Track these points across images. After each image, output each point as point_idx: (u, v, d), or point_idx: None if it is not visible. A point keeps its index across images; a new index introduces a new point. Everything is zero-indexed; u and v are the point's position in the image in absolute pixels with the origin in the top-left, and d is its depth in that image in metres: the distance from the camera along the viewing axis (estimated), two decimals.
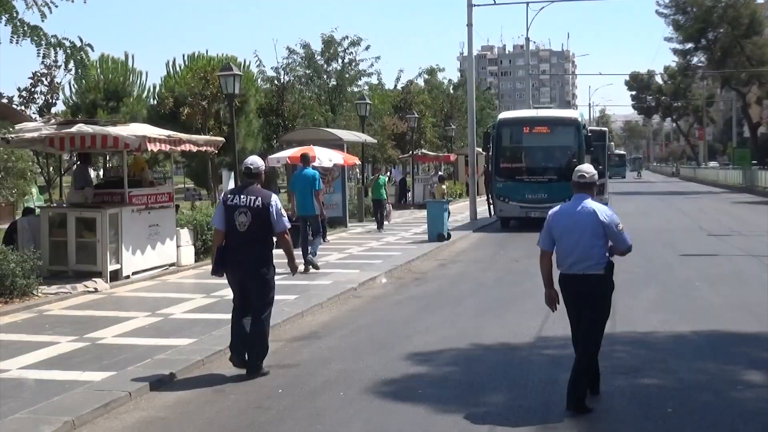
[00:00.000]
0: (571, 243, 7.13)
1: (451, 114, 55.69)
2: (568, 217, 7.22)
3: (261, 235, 8.42)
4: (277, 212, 8.45)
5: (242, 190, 8.56)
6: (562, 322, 10.87)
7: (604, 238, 7.11)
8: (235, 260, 8.45)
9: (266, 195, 8.49)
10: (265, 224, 8.41)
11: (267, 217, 8.40)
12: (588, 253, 7.06)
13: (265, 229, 8.45)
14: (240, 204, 8.40)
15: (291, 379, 8.40)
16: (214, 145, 17.18)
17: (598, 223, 7.07)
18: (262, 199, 8.41)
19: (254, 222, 8.35)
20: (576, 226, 7.12)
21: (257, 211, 8.37)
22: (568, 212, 7.27)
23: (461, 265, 17.72)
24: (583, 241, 7.07)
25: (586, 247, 7.06)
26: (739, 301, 12.46)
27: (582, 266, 7.08)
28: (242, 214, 8.37)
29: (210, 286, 14.28)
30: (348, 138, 28.61)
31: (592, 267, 7.06)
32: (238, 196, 8.47)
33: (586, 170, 7.39)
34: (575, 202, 7.26)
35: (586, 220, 7.10)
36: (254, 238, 8.37)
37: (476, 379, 8.21)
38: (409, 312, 12.17)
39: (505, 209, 26.35)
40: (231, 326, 8.68)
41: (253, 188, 8.51)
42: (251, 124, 40.59)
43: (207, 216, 17.80)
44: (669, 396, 7.57)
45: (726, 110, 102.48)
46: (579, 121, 26.71)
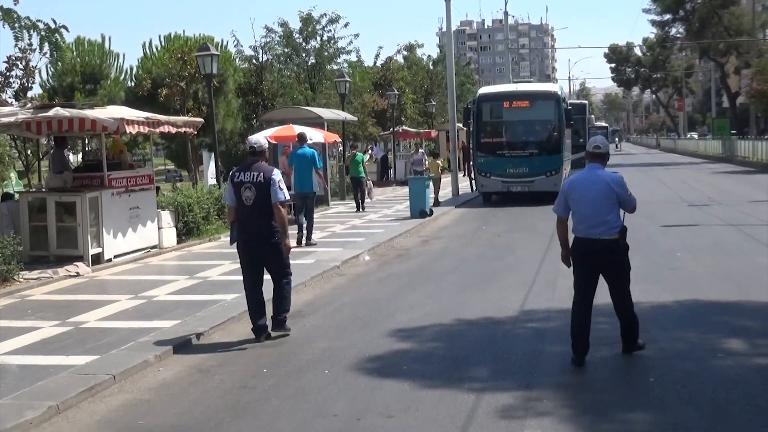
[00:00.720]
0: (586, 209, 7.70)
1: (431, 90, 55.60)
2: (584, 186, 7.78)
3: (267, 207, 8.99)
4: (276, 184, 8.97)
5: (248, 167, 9.13)
6: (545, 295, 10.99)
7: (617, 204, 7.70)
8: (246, 232, 9.09)
9: (268, 170, 9.11)
10: (268, 197, 8.97)
11: (269, 190, 8.96)
12: (603, 218, 7.64)
13: (269, 202, 8.99)
14: (245, 180, 9.04)
15: (276, 358, 8.41)
16: (194, 126, 17.10)
17: (611, 190, 7.66)
18: (264, 174, 9.01)
19: (258, 196, 8.97)
20: (591, 194, 7.69)
21: (260, 185, 8.98)
22: (583, 181, 7.83)
23: (444, 241, 17.76)
24: (598, 208, 7.65)
25: (601, 213, 7.64)
26: (720, 270, 12.56)
27: (597, 231, 7.66)
28: (247, 189, 9.00)
29: (193, 267, 14.27)
30: (328, 116, 28.52)
31: (607, 232, 7.65)
32: (244, 173, 9.10)
33: (600, 142, 7.99)
34: (589, 172, 7.83)
35: (601, 188, 7.68)
36: (260, 210, 8.98)
37: (460, 353, 8.25)
38: (392, 289, 12.19)
39: (486, 184, 26.39)
40: (246, 301, 9.30)
41: (258, 165, 9.13)
42: (230, 104, 40.38)
43: (188, 197, 17.75)
44: (651, 365, 7.63)
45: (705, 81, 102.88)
46: (559, 95, 26.74)
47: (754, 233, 16.40)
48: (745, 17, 66.25)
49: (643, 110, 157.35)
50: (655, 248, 14.84)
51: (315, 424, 6.37)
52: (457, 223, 21.75)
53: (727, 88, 73.04)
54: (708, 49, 68.15)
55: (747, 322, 9.20)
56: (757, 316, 9.49)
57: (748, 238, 15.94)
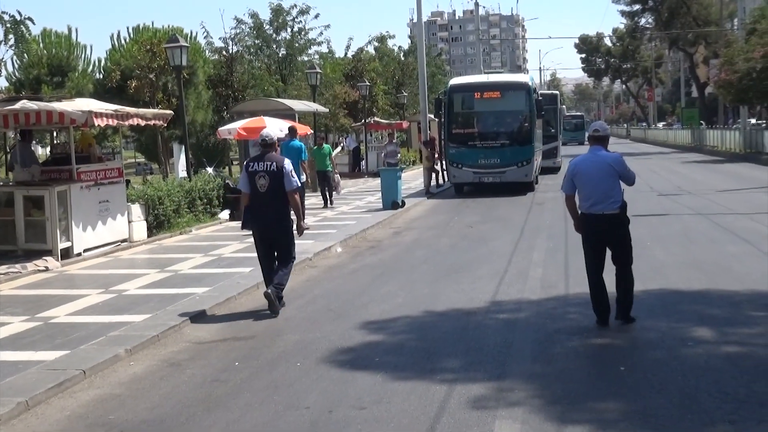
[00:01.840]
0: (591, 187, 8.62)
1: (402, 81, 55.60)
2: (588, 166, 8.68)
3: (278, 194, 10.01)
4: (288, 173, 9.99)
5: (262, 157, 10.15)
6: (516, 286, 11.05)
7: (618, 181, 8.60)
8: (259, 216, 10.10)
9: (280, 160, 10.12)
10: (281, 185, 9.99)
11: (281, 178, 9.96)
12: (607, 194, 8.56)
13: (282, 189, 10.01)
14: (259, 169, 10.06)
15: (247, 351, 8.39)
16: (163, 118, 16.98)
17: (613, 170, 8.59)
18: (277, 164, 10.02)
19: (271, 183, 9.98)
20: (595, 173, 8.59)
21: (273, 174, 9.99)
22: (587, 162, 8.73)
23: (416, 232, 17.79)
24: (603, 185, 8.56)
25: (605, 189, 8.56)
26: (688, 259, 12.69)
27: (601, 206, 8.59)
28: (261, 178, 10.03)
29: (164, 260, 14.19)
30: (299, 108, 28.43)
31: (609, 207, 8.57)
32: (258, 163, 10.12)
33: (599, 126, 8.91)
34: (592, 154, 8.73)
35: (603, 168, 8.59)
36: (273, 197, 10.01)
37: (432, 345, 8.27)
38: (364, 281, 12.20)
39: (458, 175, 26.44)
40: (261, 269, 10.42)
41: (270, 155, 10.13)
42: (200, 96, 40.14)
43: (158, 190, 17.64)
44: (622, 355, 7.70)
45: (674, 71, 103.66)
46: (530, 85, 26.83)
47: (723, 222, 16.59)
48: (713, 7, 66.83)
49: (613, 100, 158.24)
50: None
51: (287, 416, 6.37)
52: (429, 214, 21.79)
53: (696, 78, 73.69)
54: (677, 39, 68.72)
55: (715, 311, 9.30)
56: (725, 304, 9.59)
57: (717, 227, 16.11)
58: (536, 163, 27.53)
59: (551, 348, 7.99)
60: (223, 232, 18.10)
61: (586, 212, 8.73)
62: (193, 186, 19.38)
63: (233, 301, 10.84)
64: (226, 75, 36.67)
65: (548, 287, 10.94)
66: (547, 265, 12.65)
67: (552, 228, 17.18)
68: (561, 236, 15.67)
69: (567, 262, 12.77)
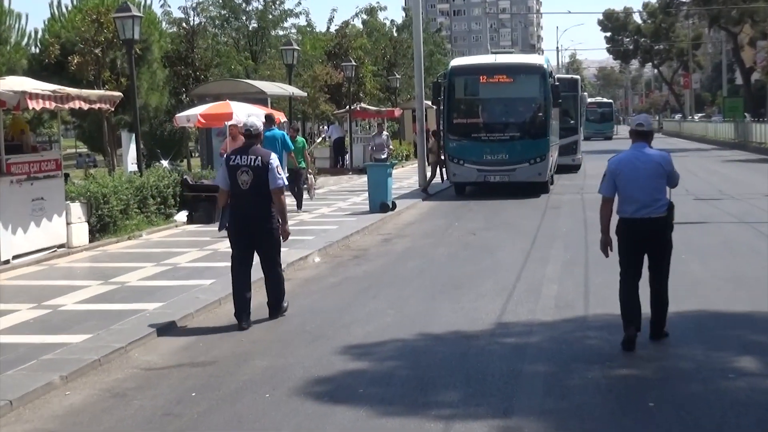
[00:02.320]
0: (636, 188, 8.84)
1: (394, 61, 55.62)
2: (632, 164, 8.91)
3: (262, 191, 10.33)
4: (274, 169, 10.33)
5: (245, 150, 10.47)
6: (527, 305, 11.05)
7: (665, 181, 8.92)
8: (240, 216, 10.45)
9: (266, 154, 10.47)
10: (265, 182, 10.31)
11: (266, 175, 10.28)
12: (654, 197, 8.84)
13: (266, 186, 10.33)
14: (242, 164, 10.33)
15: (206, 379, 8.35)
16: (110, 101, 16.92)
17: (662, 169, 8.89)
18: (262, 158, 10.34)
19: (255, 180, 10.29)
20: (641, 173, 8.83)
21: (258, 169, 10.28)
22: (631, 159, 8.96)
23: (408, 240, 17.78)
24: (649, 187, 8.82)
25: (652, 191, 8.84)
26: (730, 275, 12.71)
27: (647, 210, 8.83)
28: (244, 173, 10.30)
29: (108, 270, 14.14)
30: (272, 91, 28.41)
31: (656, 210, 8.85)
32: (240, 156, 10.41)
33: (643, 120, 9.26)
34: (636, 150, 8.97)
35: (652, 167, 8.86)
36: (256, 194, 10.32)
37: (426, 374, 8.25)
38: (347, 296, 12.18)
39: (459, 173, 26.45)
40: (232, 286, 10.64)
41: (255, 148, 10.46)
42: (155, 76, 39.93)
43: (103, 187, 17.58)
44: (650, 387, 7.69)
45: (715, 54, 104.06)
46: (545, 69, 26.87)
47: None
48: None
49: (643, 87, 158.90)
50: None
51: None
52: (424, 218, 21.79)
53: (741, 63, 74.00)
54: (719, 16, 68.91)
55: (761, 337, 9.32)
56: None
57: (763, 236, 16.16)
58: (552, 159, 27.57)
59: (567, 379, 7.98)
60: (180, 238, 18.05)
61: (629, 217, 8.94)
62: (144, 182, 19.32)
63: (190, 319, 10.79)
64: (185, 51, 36.56)
65: (564, 307, 10.94)
66: (563, 281, 12.65)
67: (569, 236, 17.19)
68: (580, 246, 15.67)
69: (587, 277, 12.77)
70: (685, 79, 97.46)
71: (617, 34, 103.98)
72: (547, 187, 26.72)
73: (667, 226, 8.99)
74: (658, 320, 9.12)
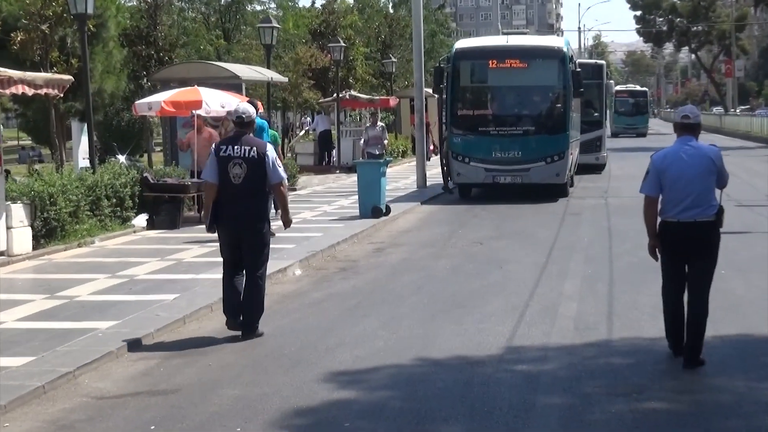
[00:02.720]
0: (684, 188, 9.09)
1: (390, 42, 55.69)
2: (682, 162, 9.15)
3: (257, 187, 10.66)
4: (273, 162, 10.65)
5: (236, 140, 10.73)
6: (541, 326, 11.07)
7: (715, 180, 9.21)
8: (229, 214, 10.66)
9: (261, 144, 10.85)
10: (261, 175, 10.62)
11: (263, 168, 10.58)
12: (703, 197, 9.10)
13: (261, 181, 10.66)
14: (234, 155, 10.56)
15: (167, 410, 8.35)
16: (59, 85, 16.90)
17: (714, 166, 9.17)
18: (258, 149, 10.63)
19: (250, 173, 10.56)
20: (692, 171, 9.09)
21: (253, 161, 10.56)
22: (678, 155, 9.21)
23: (404, 250, 17.78)
24: (698, 185, 9.09)
25: (701, 191, 9.09)
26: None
27: (694, 212, 9.08)
28: (237, 166, 10.55)
29: (55, 282, 14.12)
30: (248, 75, 28.38)
31: (703, 213, 9.10)
32: (232, 146, 10.63)
33: (689, 111, 9.51)
34: (682, 144, 9.25)
35: (703, 164, 9.13)
36: (250, 190, 10.62)
37: (423, 406, 8.25)
38: (332, 315, 12.18)
39: (464, 173, 26.43)
40: (223, 287, 11.02)
41: (247, 138, 10.76)
42: (111, 57, 39.89)
43: (49, 185, 17.54)
44: (683, 424, 7.72)
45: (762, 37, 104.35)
46: (564, 52, 26.87)
47: None
48: None
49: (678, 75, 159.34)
50: None
51: None
52: (423, 225, 21.79)
53: None
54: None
55: None
56: None
57: None
58: (572, 158, 27.58)
59: (587, 413, 8.00)
60: (138, 245, 18.03)
61: (672, 220, 9.21)
62: (98, 180, 19.30)
63: (150, 340, 10.77)
64: (147, 28, 36.56)
65: (585, 329, 10.95)
66: (583, 299, 12.67)
67: (591, 248, 17.21)
68: (603, 259, 15.70)
69: (611, 295, 12.80)
70: (727, 66, 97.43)
71: (649, 13, 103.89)
72: (566, 189, 26.71)
73: (714, 232, 9.21)
74: (694, 345, 9.19)
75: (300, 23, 49.70)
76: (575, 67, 27.20)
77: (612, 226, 20.21)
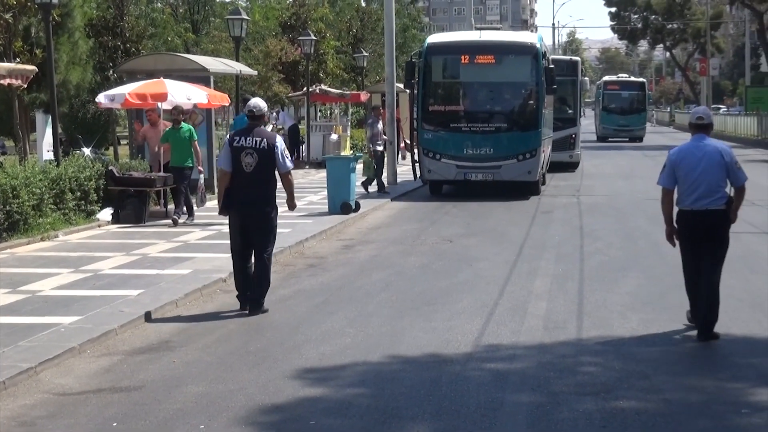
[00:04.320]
0: (696, 179, 10.29)
1: (362, 36, 55.68)
2: (693, 155, 10.38)
3: (266, 175, 11.89)
4: (282, 153, 11.89)
5: (249, 131, 11.88)
6: (510, 325, 11.12)
7: (726, 174, 10.34)
8: (241, 200, 11.89)
9: (271, 136, 12.04)
10: (271, 165, 11.86)
11: (273, 158, 11.80)
12: (714, 188, 10.27)
13: (270, 170, 11.90)
14: (246, 145, 11.75)
15: (130, 407, 8.34)
16: (23, 76, 16.85)
17: (723, 160, 10.30)
18: (268, 141, 11.84)
19: (260, 163, 11.76)
20: (701, 163, 10.28)
21: (263, 152, 11.75)
22: (692, 150, 10.45)
23: (374, 247, 17.80)
24: (709, 177, 10.26)
25: (712, 182, 10.27)
26: (747, 294, 12.83)
27: (706, 201, 10.26)
28: (248, 155, 11.74)
29: (17, 277, 14.07)
30: (216, 68, 28.31)
31: (715, 202, 10.27)
32: (245, 138, 11.81)
33: (704, 113, 10.79)
34: (696, 142, 10.46)
35: (713, 158, 10.30)
36: (260, 177, 11.83)
37: (390, 404, 8.29)
38: (299, 312, 12.20)
39: (435, 169, 26.46)
40: (233, 271, 12.40)
41: (259, 130, 11.95)
42: (77, 47, 39.69)
43: (12, 178, 17.45)
44: (652, 424, 7.77)
45: (737, 35, 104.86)
46: (538, 48, 26.96)
47: None
48: None
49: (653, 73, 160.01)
50: (663, 262, 15.07)
51: None
52: (393, 222, 21.81)
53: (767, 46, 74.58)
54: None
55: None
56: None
57: None
58: (544, 156, 27.67)
59: (555, 412, 8.05)
60: (103, 240, 17.97)
61: (686, 209, 10.42)
62: (62, 173, 19.22)
63: (113, 336, 10.75)
64: (114, 19, 36.42)
65: (554, 328, 11.01)
66: (553, 298, 12.74)
67: (563, 246, 17.29)
68: (575, 257, 15.78)
69: (582, 294, 12.87)
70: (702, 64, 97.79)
71: (624, 10, 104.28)
72: (537, 187, 26.81)
73: (725, 219, 10.37)
74: (707, 316, 10.25)
75: (269, 15, 49.60)
76: (548, 64, 27.28)
77: (584, 224, 20.32)
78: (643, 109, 63.49)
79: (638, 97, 62.74)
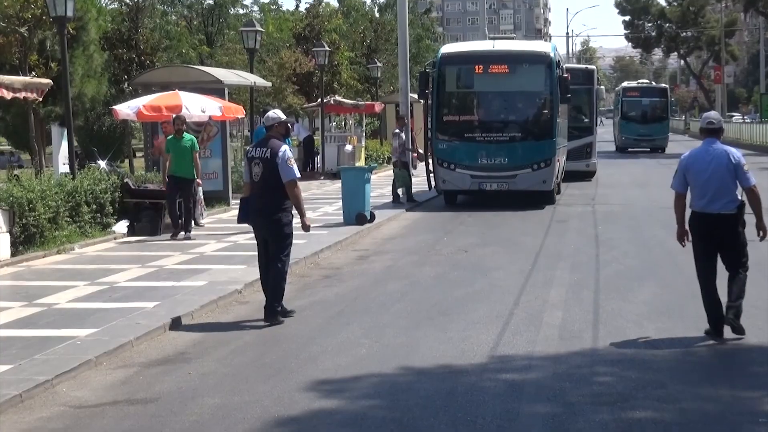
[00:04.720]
0: (706, 182, 10.57)
1: (375, 47, 55.71)
2: (703, 159, 10.66)
3: (273, 183, 11.96)
4: (283, 161, 11.87)
5: (263, 143, 12.16)
6: (526, 335, 11.09)
7: (735, 177, 10.56)
8: (253, 208, 12.22)
9: (276, 145, 12.00)
10: (275, 173, 11.91)
11: (275, 167, 11.86)
12: (723, 191, 10.52)
13: (276, 178, 11.94)
14: (255, 156, 12.08)
15: (147, 419, 8.35)
16: (38, 89, 16.90)
17: (731, 163, 10.54)
18: (271, 150, 11.93)
19: (265, 172, 11.94)
20: (710, 166, 10.56)
21: (267, 161, 11.92)
22: (702, 155, 10.72)
23: (389, 258, 17.80)
24: (719, 181, 10.51)
25: (721, 186, 10.51)
26: (764, 302, 12.76)
27: (717, 206, 10.54)
28: (256, 165, 12.01)
29: (33, 290, 14.10)
30: (230, 80, 28.37)
31: (726, 206, 10.53)
32: (256, 149, 12.21)
33: (714, 117, 11.04)
34: (707, 146, 10.73)
35: (722, 161, 10.55)
36: (267, 186, 11.99)
37: (406, 415, 8.28)
38: (314, 323, 12.19)
39: (450, 179, 26.44)
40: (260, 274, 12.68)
41: (271, 141, 12.07)
42: (92, 60, 39.86)
43: (28, 191, 17.51)
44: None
45: (752, 43, 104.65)
46: (552, 57, 26.93)
47: None
48: None
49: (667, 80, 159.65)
50: (678, 271, 15.03)
51: None
52: (408, 232, 21.81)
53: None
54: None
55: None
56: None
57: None
58: (559, 165, 27.64)
59: (571, 422, 8.03)
60: (119, 252, 18.00)
61: (698, 211, 10.71)
62: (77, 186, 19.26)
63: (129, 348, 10.77)
64: (128, 32, 36.53)
65: (570, 338, 10.99)
66: (569, 307, 12.70)
67: (578, 255, 17.25)
68: (590, 267, 15.73)
69: (597, 303, 12.83)
70: (717, 72, 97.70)
71: (637, 18, 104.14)
72: (552, 197, 26.77)
73: (736, 223, 10.61)
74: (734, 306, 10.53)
75: (283, 27, 49.68)
76: (562, 73, 27.27)
77: (599, 233, 20.27)
78: (666, 117, 59.50)
79: (660, 104, 58.83)
